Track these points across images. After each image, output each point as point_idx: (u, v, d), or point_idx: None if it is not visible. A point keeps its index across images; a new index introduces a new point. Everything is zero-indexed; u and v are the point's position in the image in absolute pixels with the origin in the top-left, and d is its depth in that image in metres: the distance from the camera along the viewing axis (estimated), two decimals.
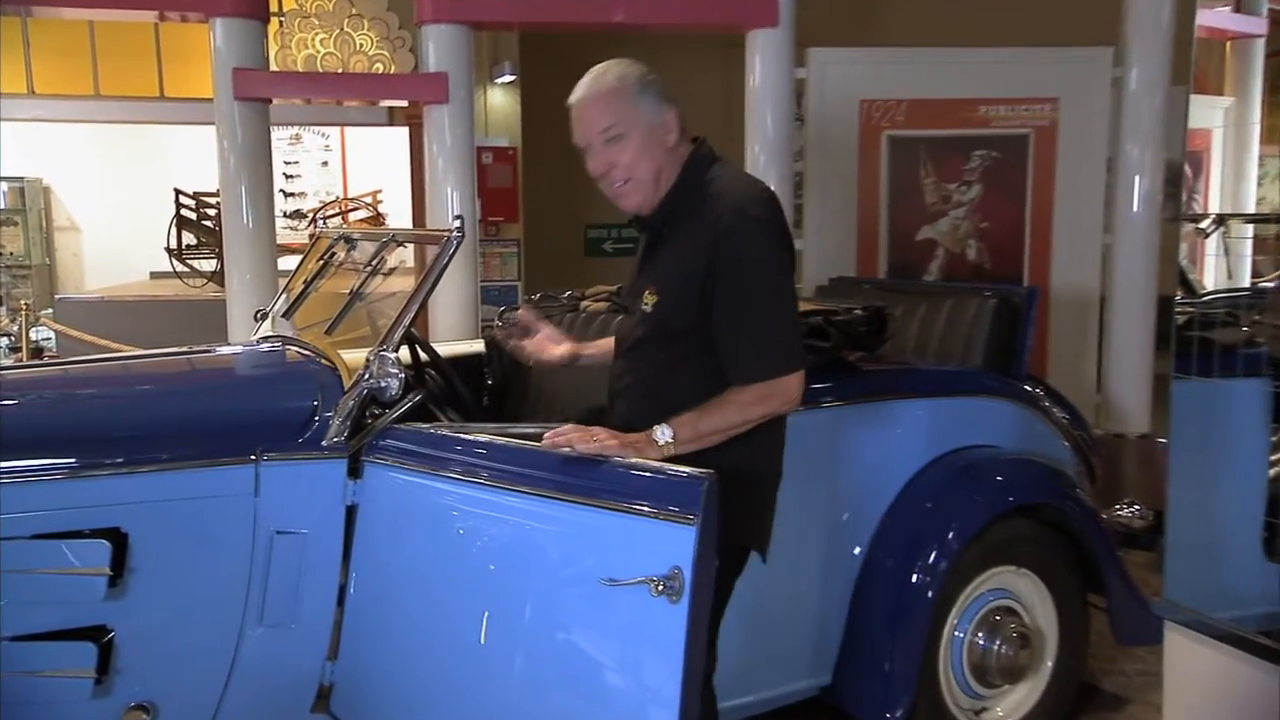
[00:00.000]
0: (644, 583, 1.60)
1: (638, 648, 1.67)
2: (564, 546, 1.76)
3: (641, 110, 1.88)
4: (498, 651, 1.83)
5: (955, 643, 2.60)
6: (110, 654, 1.92)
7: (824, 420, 2.52)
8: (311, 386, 2.20)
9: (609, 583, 1.63)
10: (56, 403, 2.26)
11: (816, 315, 2.60)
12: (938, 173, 4.55)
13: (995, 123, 4.51)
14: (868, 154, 4.60)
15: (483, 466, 1.91)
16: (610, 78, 1.88)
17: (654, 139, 1.88)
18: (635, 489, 1.68)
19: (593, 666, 1.72)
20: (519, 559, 1.83)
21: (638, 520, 1.65)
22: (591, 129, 1.89)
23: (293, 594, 2.03)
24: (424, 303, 2.22)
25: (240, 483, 2.00)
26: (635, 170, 1.89)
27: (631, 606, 1.63)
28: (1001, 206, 4.54)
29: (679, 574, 1.59)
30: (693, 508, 1.60)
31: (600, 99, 1.88)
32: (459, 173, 4.45)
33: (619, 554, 1.66)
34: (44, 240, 10.62)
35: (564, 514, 1.75)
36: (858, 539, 2.57)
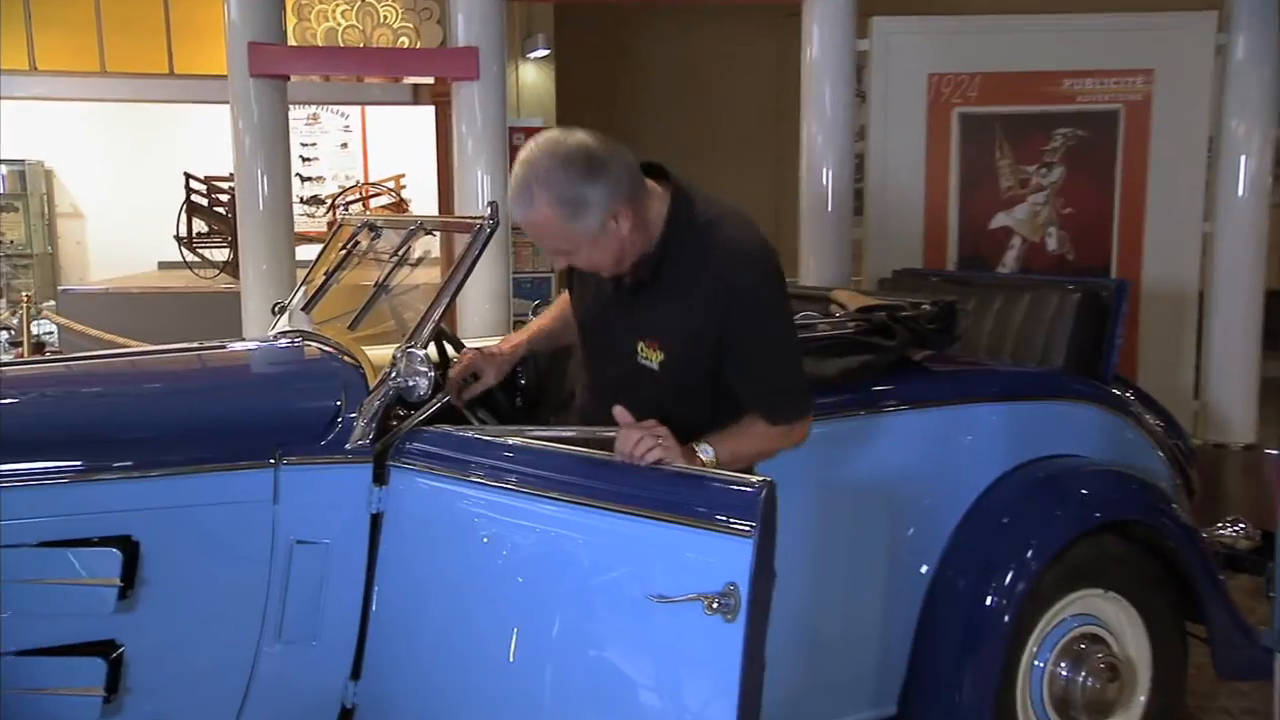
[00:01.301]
0: (696, 600, 1.61)
1: (689, 670, 1.68)
2: (606, 559, 1.78)
3: (580, 228, 1.87)
4: (532, 672, 1.86)
5: (1034, 673, 2.57)
6: (120, 671, 1.96)
7: (888, 426, 2.51)
8: (334, 385, 2.23)
9: (657, 599, 1.64)
10: (60, 402, 2.31)
11: (880, 311, 2.59)
12: (1015, 154, 4.51)
13: (1081, 97, 4.46)
14: (936, 133, 4.57)
15: (519, 472, 1.93)
16: (542, 202, 1.84)
17: (604, 237, 1.89)
18: (685, 498, 1.69)
19: (637, 690, 1.74)
20: (557, 572, 1.85)
21: (688, 531, 1.66)
22: (540, 244, 1.98)
23: (313, 608, 2.06)
24: (455, 296, 2.24)
25: (258, 488, 2.03)
26: (597, 264, 1.95)
27: (681, 625, 1.64)
28: (1087, 191, 4.48)
29: (734, 590, 1.60)
30: (750, 518, 1.61)
31: (536, 228, 1.89)
32: (490, 155, 4.49)
33: (668, 568, 1.68)
34: (46, 227, 10.85)
35: (606, 524, 1.77)
36: (925, 556, 2.56)
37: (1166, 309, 4.46)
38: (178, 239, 9.00)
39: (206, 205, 9.12)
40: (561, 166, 1.84)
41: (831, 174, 4.57)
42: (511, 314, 4.72)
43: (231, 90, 4.42)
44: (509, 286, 4.66)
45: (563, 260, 1.98)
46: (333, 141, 10.84)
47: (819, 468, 2.38)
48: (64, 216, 11.11)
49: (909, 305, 2.64)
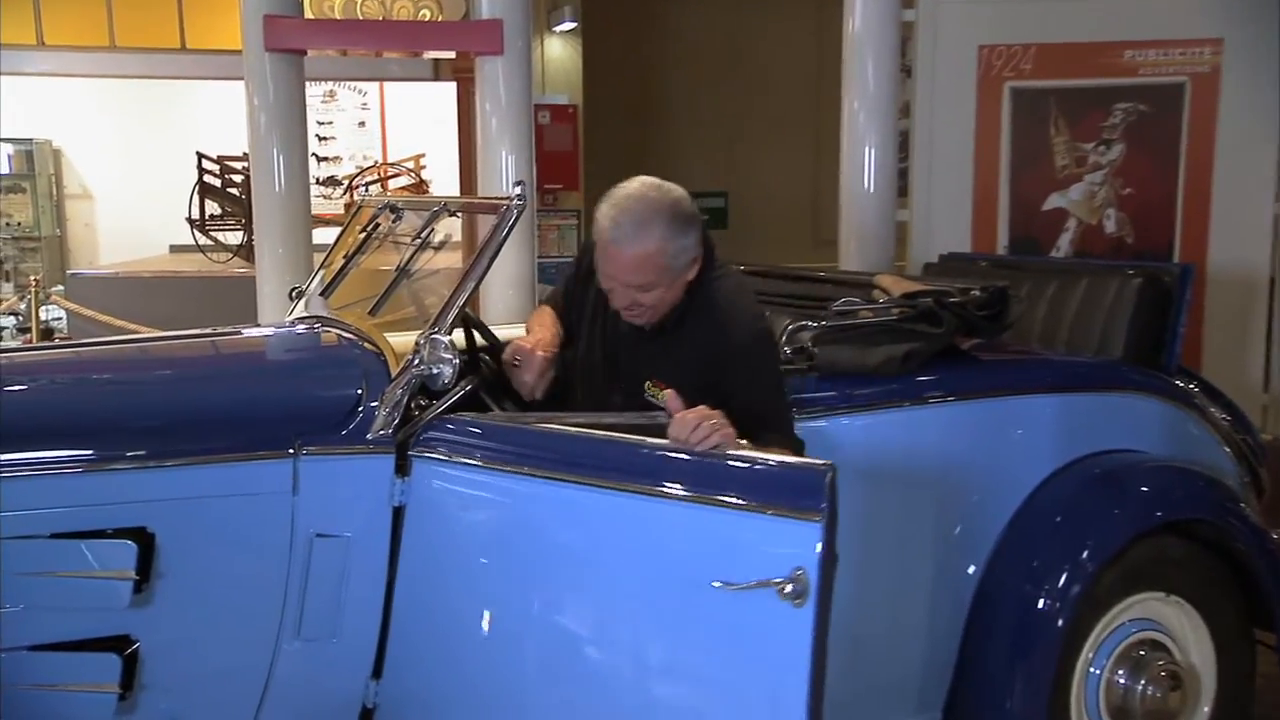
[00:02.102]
0: (765, 586, 1.66)
1: (757, 658, 1.73)
2: (665, 547, 1.83)
3: (675, 268, 2.14)
4: (579, 669, 1.89)
5: (1090, 680, 2.55)
6: (135, 667, 2.00)
7: (933, 417, 2.51)
8: (355, 373, 2.25)
9: (723, 586, 1.69)
10: (70, 389, 2.35)
11: (926, 297, 2.58)
12: (1071, 130, 4.46)
13: (1143, 70, 4.40)
14: (987, 109, 4.53)
15: (562, 460, 1.96)
16: (654, 238, 2.09)
17: (679, 280, 2.17)
18: (749, 482, 1.74)
19: (703, 682, 1.79)
20: (608, 564, 1.89)
21: (753, 517, 1.72)
22: (623, 278, 2.14)
23: (333, 604, 2.08)
24: (481, 281, 2.26)
25: (277, 479, 2.06)
26: (657, 308, 2.19)
27: (748, 612, 1.70)
28: (1148, 170, 4.43)
29: (803, 575, 1.66)
30: (817, 501, 1.66)
31: (639, 260, 2.10)
32: (515, 134, 4.51)
33: (732, 555, 1.73)
34: (54, 209, 11.01)
35: (664, 511, 1.82)
36: (973, 556, 2.55)
37: (1233, 295, 4.40)
38: (190, 221, 9.10)
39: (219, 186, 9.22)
40: (672, 208, 2.12)
41: (874, 153, 4.55)
42: (536, 300, 4.74)
43: (246, 66, 4.46)
44: (534, 271, 4.68)
45: (628, 297, 2.16)
46: (350, 120, 10.90)
47: (861, 462, 2.37)
48: (72, 198, 11.26)
49: (957, 291, 2.62)
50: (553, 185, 7.94)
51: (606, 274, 2.16)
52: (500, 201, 2.30)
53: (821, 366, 2.45)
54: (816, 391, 2.41)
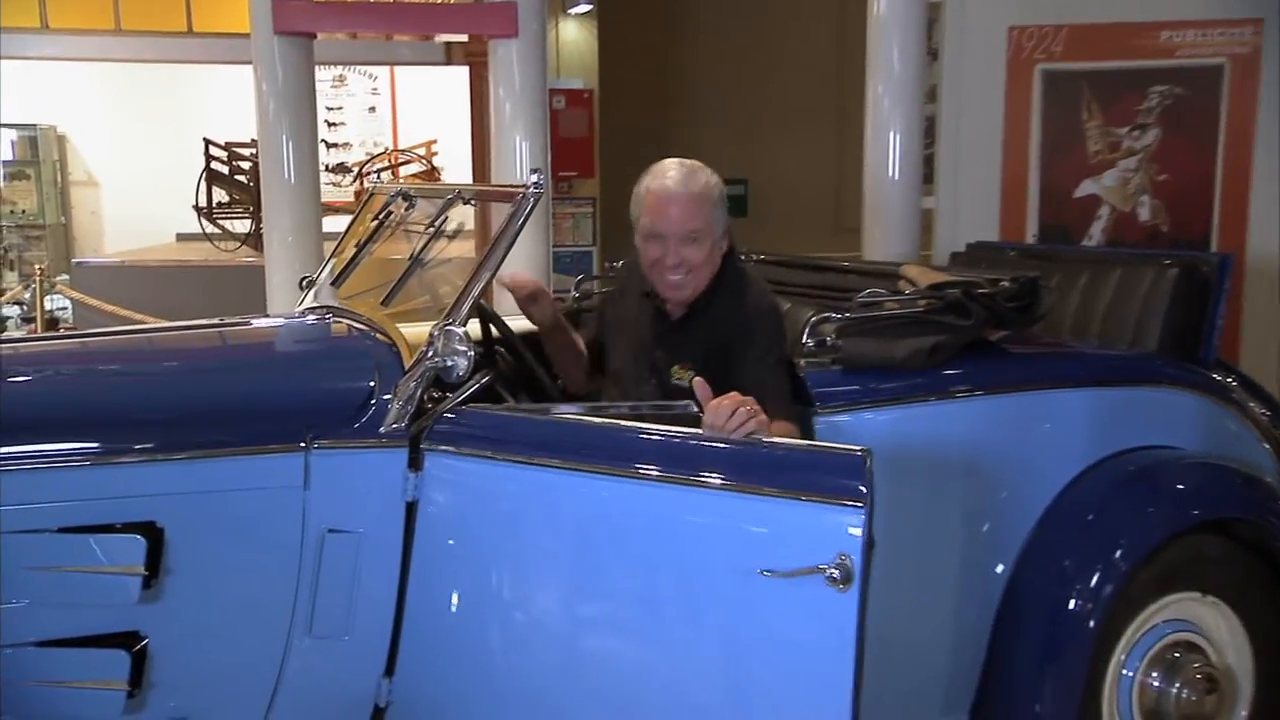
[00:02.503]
0: (811, 573, 1.74)
1: (803, 645, 1.79)
2: (703, 538, 1.88)
3: (718, 219, 2.42)
4: (596, 667, 1.90)
5: (1123, 683, 2.55)
6: (144, 664, 2.02)
7: (960, 412, 2.49)
8: (367, 365, 2.26)
9: (766, 574, 1.77)
10: (76, 381, 2.37)
11: (953, 288, 2.57)
12: (1104, 114, 4.43)
13: (1181, 51, 4.36)
14: (1016, 93, 4.50)
15: (588, 451, 1.98)
16: (700, 183, 2.39)
17: (718, 247, 2.44)
18: (789, 470, 1.81)
19: (740, 673, 1.84)
20: (641, 556, 1.92)
21: (794, 504, 1.79)
22: (678, 224, 2.37)
23: (345, 601, 2.10)
24: (497, 270, 2.26)
25: (287, 473, 2.07)
26: (699, 270, 2.41)
27: (792, 599, 1.78)
28: (1185, 155, 4.39)
29: (846, 560, 1.75)
30: (857, 486, 1.75)
31: (693, 200, 2.38)
32: (530, 119, 4.51)
33: (774, 542, 1.80)
34: (59, 196, 11.07)
35: (700, 501, 1.88)
36: (1001, 555, 2.54)
37: (1274, 285, 4.36)
38: (197, 209, 9.15)
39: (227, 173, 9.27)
40: (710, 170, 2.44)
41: (899, 139, 4.53)
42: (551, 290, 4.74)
43: (254, 49, 4.47)
44: (549, 261, 4.69)
45: (677, 255, 2.38)
46: (360, 105, 10.93)
47: (885, 458, 2.32)
48: (78, 185, 11.31)
49: (986, 282, 2.61)
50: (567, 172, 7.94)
51: (660, 230, 2.37)
52: (516, 189, 2.30)
53: (845, 359, 2.44)
54: (840, 385, 2.41)
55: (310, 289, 2.99)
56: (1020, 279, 2.65)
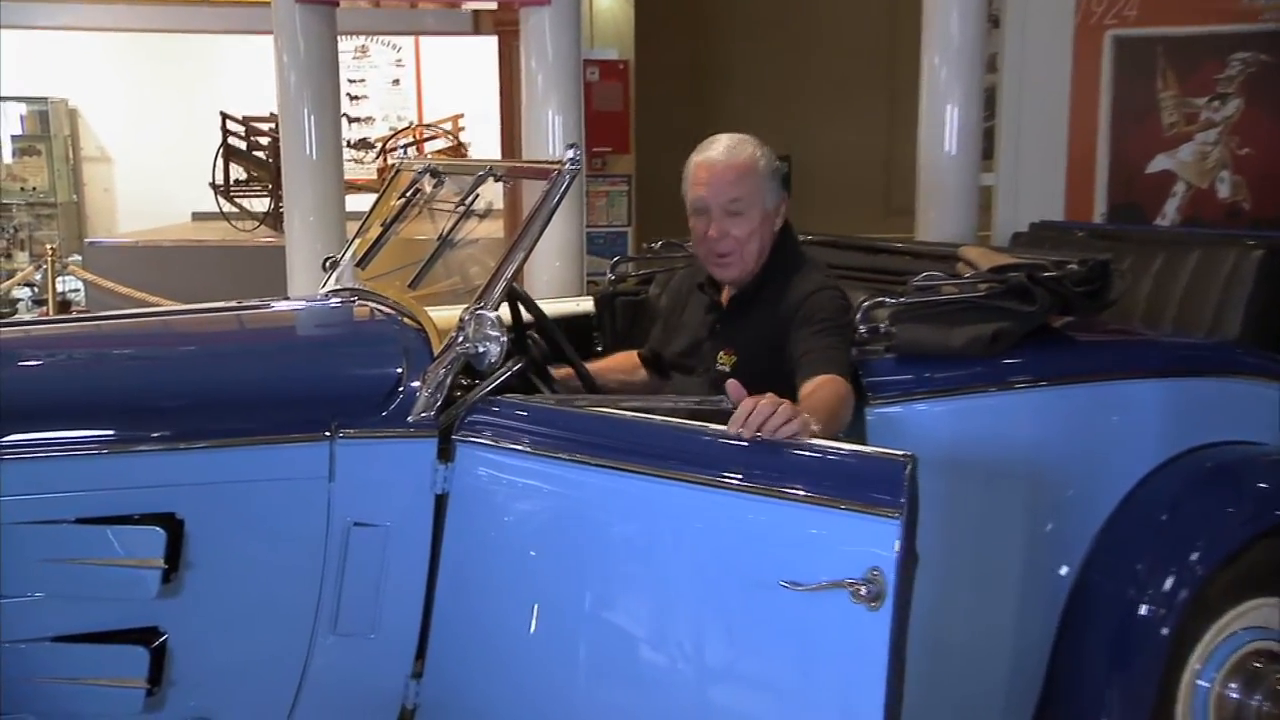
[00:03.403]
0: (837, 587, 1.68)
1: (828, 664, 1.74)
2: (730, 544, 1.85)
3: (767, 192, 2.47)
4: (633, 669, 1.91)
5: (1198, 694, 2.52)
6: (163, 661, 2.04)
7: (1022, 404, 2.48)
8: (394, 351, 2.27)
9: (790, 586, 1.71)
10: (89, 365, 2.39)
11: (1016, 271, 2.54)
12: (1180, 84, 4.37)
13: (1266, 15, 4.29)
14: (1084, 61, 4.45)
15: (616, 448, 1.97)
16: (746, 153, 2.46)
17: (767, 222, 2.49)
18: (821, 475, 1.76)
19: (766, 689, 1.81)
20: (667, 560, 1.91)
21: (824, 512, 1.74)
22: (719, 195, 2.44)
23: (371, 598, 2.11)
24: (530, 251, 2.26)
25: (311, 464, 2.08)
26: (745, 246, 2.46)
27: (818, 615, 1.72)
28: (1269, 127, 4.32)
29: (879, 576, 1.67)
30: (895, 496, 1.68)
31: (735, 170, 2.44)
32: (563, 93, 4.51)
33: (802, 552, 1.75)
34: (70, 173, 11.22)
35: (728, 504, 1.84)
36: (1065, 556, 2.52)
37: None
38: (214, 187, 9.24)
39: (245, 149, 9.34)
40: (762, 144, 2.50)
41: (957, 112, 4.48)
42: (585, 272, 4.75)
43: (275, 19, 4.50)
44: (582, 242, 4.69)
45: (721, 228, 2.44)
46: (383, 77, 10.97)
47: (941, 452, 2.34)
48: (90, 161, 11.45)
49: (1052, 264, 2.59)
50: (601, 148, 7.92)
51: (703, 201, 2.45)
52: (551, 166, 2.30)
53: (900, 347, 2.42)
54: (893, 374, 2.39)
55: (334, 270, 3.01)
56: (1089, 261, 2.63)
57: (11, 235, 10.69)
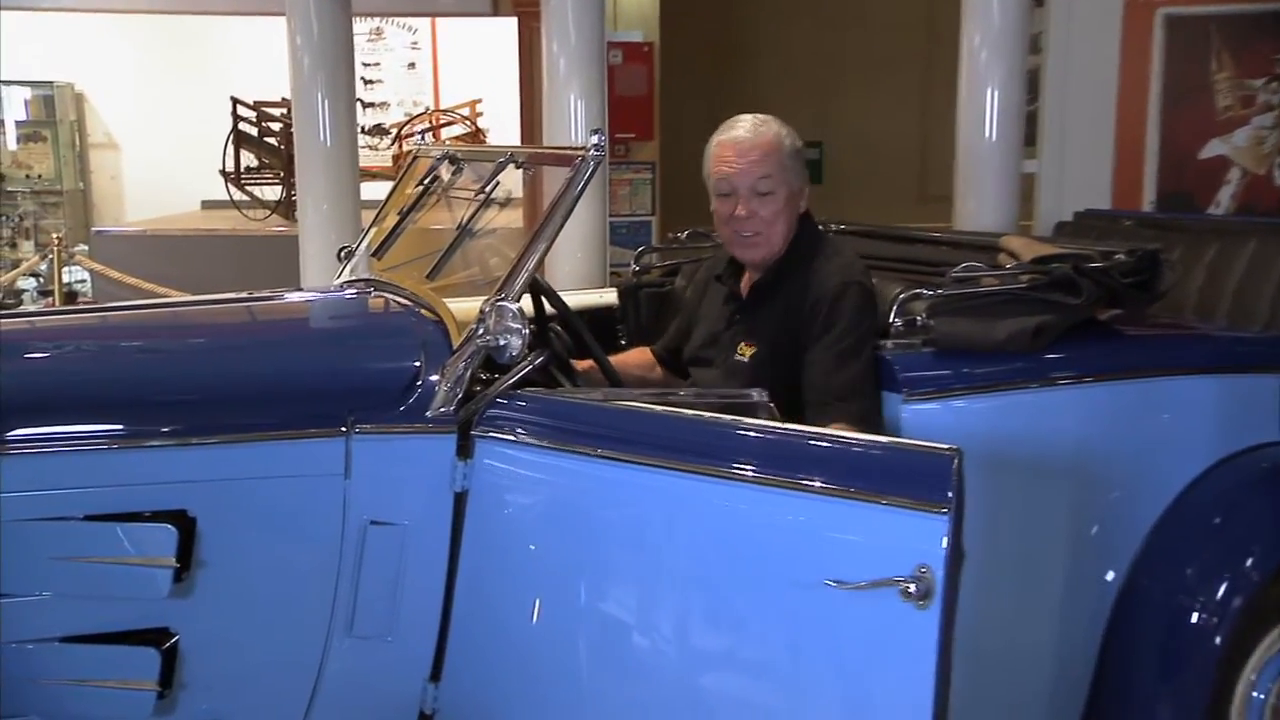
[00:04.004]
0: (885, 585, 1.71)
1: (876, 665, 1.76)
2: (771, 541, 1.87)
3: (793, 173, 2.52)
4: (667, 671, 1.92)
5: (1252, 706, 2.50)
6: (174, 663, 2.06)
7: (1066, 401, 2.47)
8: (412, 343, 2.28)
9: (836, 585, 1.74)
10: (97, 358, 2.41)
11: (1061, 261, 2.53)
12: (1236, 65, 4.33)
13: None
14: (1134, 41, 4.41)
15: (646, 443, 1.98)
16: (771, 132, 2.51)
17: (792, 203, 2.53)
18: (866, 469, 1.78)
19: (810, 692, 1.83)
20: (696, 558, 1.92)
21: (870, 508, 1.76)
22: (746, 174, 2.48)
23: (389, 599, 2.12)
24: (553, 240, 2.27)
25: (327, 460, 2.09)
26: (772, 227, 2.51)
27: (863, 613, 1.75)
28: None
29: (927, 574, 1.69)
30: (943, 491, 1.70)
31: (761, 148, 2.48)
32: (586, 76, 4.50)
33: (847, 550, 1.78)
34: (77, 160, 11.29)
35: (770, 500, 1.86)
36: (1113, 560, 2.52)
37: None
38: (224, 174, 9.30)
39: (256, 135, 9.40)
40: (786, 125, 2.54)
41: (997, 94, 4.45)
42: (608, 263, 4.75)
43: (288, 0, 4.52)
44: (605, 232, 4.69)
45: (748, 207, 2.48)
46: (398, 61, 11.00)
47: (983, 451, 2.32)
48: (97, 147, 11.52)
49: (1098, 254, 2.57)
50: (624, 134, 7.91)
51: (728, 181, 2.49)
52: (575, 152, 2.31)
53: (937, 341, 2.42)
54: (931, 369, 2.39)
55: (348, 260, 3.03)
56: (1138, 251, 2.62)
57: (16, 224, 10.78)
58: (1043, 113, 4.57)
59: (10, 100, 11.07)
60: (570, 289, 3.52)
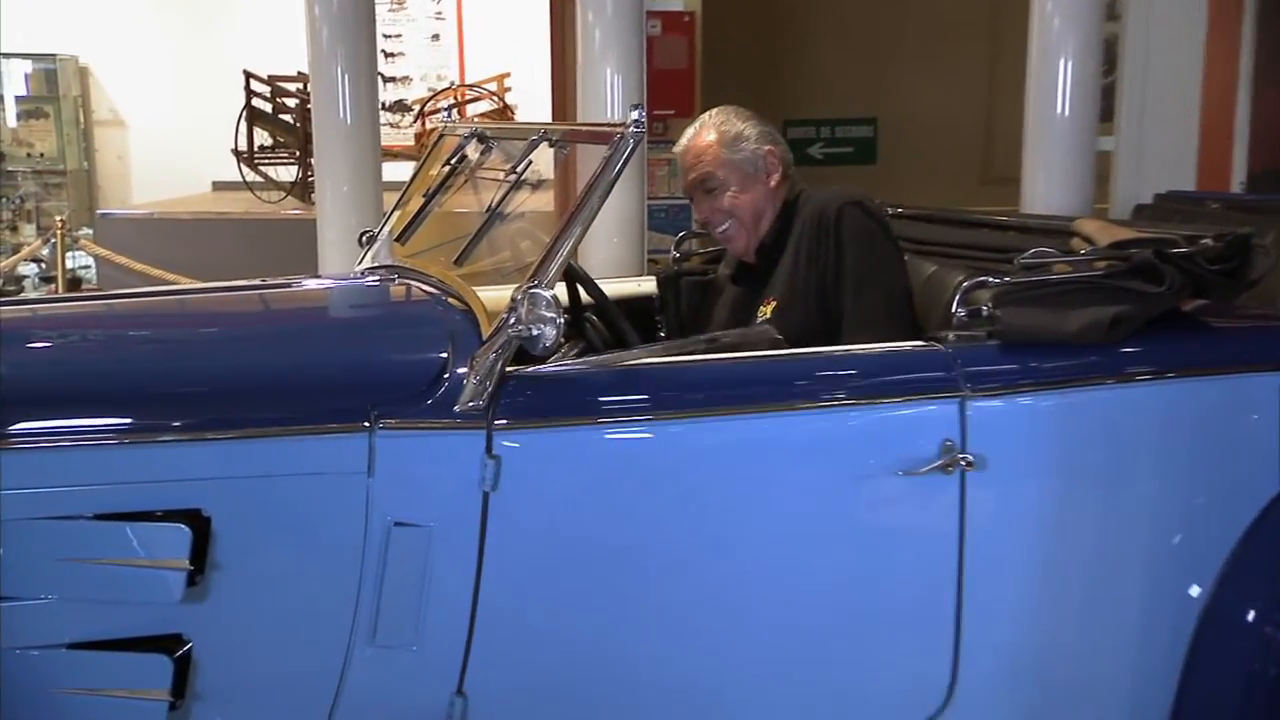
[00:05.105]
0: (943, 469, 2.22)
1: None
2: (821, 468, 2.25)
3: (735, 158, 2.75)
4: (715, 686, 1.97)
5: None
6: (188, 671, 2.09)
7: (1146, 399, 2.45)
8: (439, 334, 2.30)
9: (905, 474, 2.21)
10: (103, 348, 2.45)
11: (1141, 247, 2.51)
12: None
13: None
14: (1222, 7, 4.35)
15: (694, 397, 2.19)
16: (711, 129, 2.78)
17: (753, 181, 2.76)
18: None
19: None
20: (771, 509, 2.22)
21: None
22: (692, 182, 2.79)
23: (414, 606, 2.13)
24: (590, 223, 2.27)
25: (349, 457, 2.11)
26: (742, 216, 2.76)
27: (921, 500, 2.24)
28: None
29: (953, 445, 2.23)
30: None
31: (694, 153, 2.77)
32: (623, 49, 4.51)
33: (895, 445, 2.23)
34: (81, 138, 11.41)
35: (806, 424, 2.24)
36: (1196, 574, 2.49)
37: None
38: (236, 153, 9.37)
39: (271, 112, 9.45)
40: (732, 109, 2.83)
41: (1071, 66, 4.42)
42: (646, 249, 4.75)
43: None
44: (643, 215, 4.69)
45: (707, 206, 2.77)
46: (421, 32, 11.03)
47: (1051, 451, 2.35)
48: (102, 125, 11.64)
49: (1183, 239, 2.54)
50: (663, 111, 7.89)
51: (685, 191, 2.83)
52: (613, 129, 2.31)
53: (1004, 333, 2.40)
54: (996, 364, 2.38)
55: (370, 245, 3.05)
56: (1226, 236, 2.58)
57: (17, 206, 10.90)
58: (1120, 85, 4.53)
59: (10, 74, 11.17)
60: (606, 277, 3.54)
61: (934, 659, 2.34)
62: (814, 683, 2.31)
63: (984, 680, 2.36)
